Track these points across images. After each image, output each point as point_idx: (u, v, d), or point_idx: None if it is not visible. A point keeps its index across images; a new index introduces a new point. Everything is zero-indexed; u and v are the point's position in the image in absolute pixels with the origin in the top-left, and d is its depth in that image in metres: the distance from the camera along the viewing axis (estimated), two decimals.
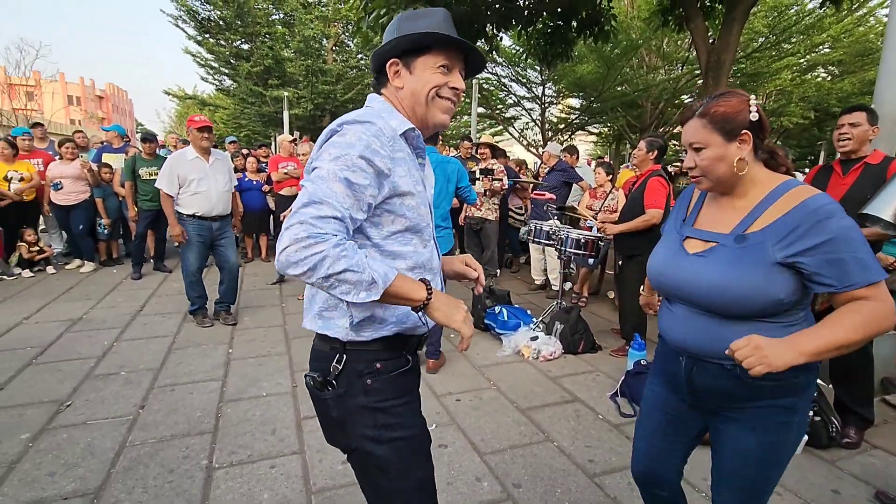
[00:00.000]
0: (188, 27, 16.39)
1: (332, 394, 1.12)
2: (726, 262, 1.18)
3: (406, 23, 1.11)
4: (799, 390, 1.20)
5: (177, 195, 3.78)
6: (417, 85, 1.12)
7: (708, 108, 1.18)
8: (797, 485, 2.24)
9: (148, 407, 2.77)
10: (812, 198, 1.11)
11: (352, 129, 1.02)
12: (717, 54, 6.05)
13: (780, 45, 14.00)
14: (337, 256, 0.91)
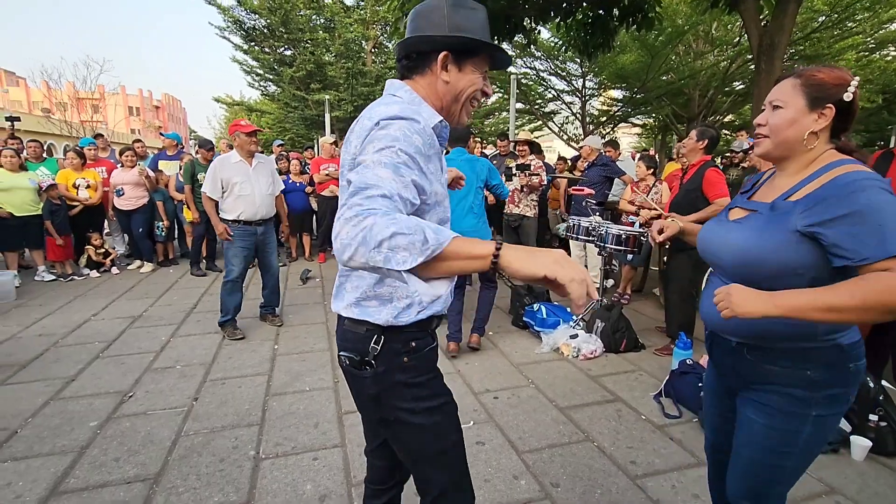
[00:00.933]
0: (235, 37, 17.11)
1: (371, 372, 1.16)
2: (754, 228, 1.18)
3: (458, 15, 1.10)
4: (812, 385, 1.14)
5: (221, 200, 3.81)
6: (463, 84, 1.14)
7: (805, 71, 1.16)
8: (859, 494, 2.10)
9: (201, 399, 2.93)
10: (852, 172, 1.06)
11: (395, 124, 0.99)
12: (770, 36, 5.71)
13: (842, 24, 13.00)
14: (385, 224, 0.81)
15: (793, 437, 1.18)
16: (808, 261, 1.09)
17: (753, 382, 1.23)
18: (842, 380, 1.16)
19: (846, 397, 1.18)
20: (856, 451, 2.34)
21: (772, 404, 1.19)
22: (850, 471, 2.26)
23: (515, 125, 13.70)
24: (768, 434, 1.20)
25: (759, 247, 1.14)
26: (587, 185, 4.94)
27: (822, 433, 1.19)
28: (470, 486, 1.29)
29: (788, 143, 1.17)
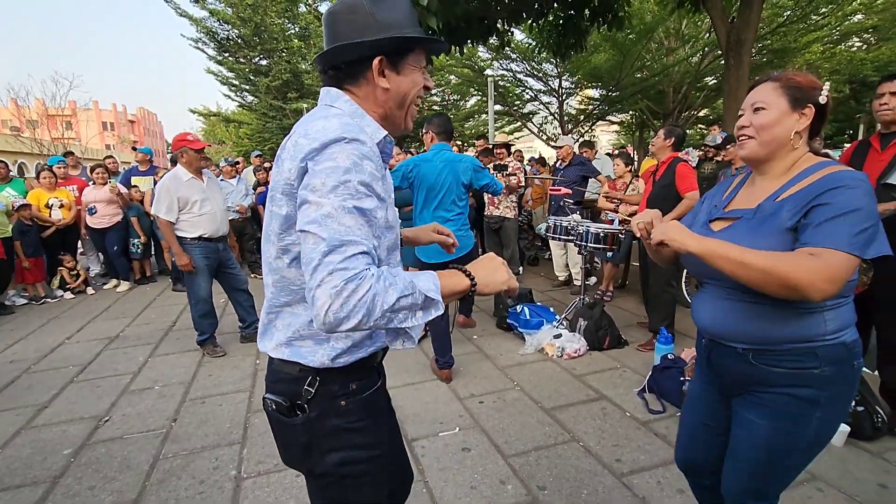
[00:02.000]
0: (208, 48, 16.93)
1: (303, 418, 1.03)
2: (745, 233, 1.18)
3: (380, 8, 0.96)
4: (821, 382, 1.14)
5: (176, 219, 3.58)
6: (405, 86, 1.02)
7: (783, 75, 1.20)
8: (839, 479, 2.13)
9: (180, 420, 2.86)
10: (839, 171, 1.10)
11: (342, 151, 0.87)
12: (737, 33, 5.85)
13: (807, 18, 13.37)
14: (384, 289, 0.82)
15: (797, 438, 1.18)
16: None
17: (759, 386, 1.21)
18: (847, 377, 1.17)
19: (849, 395, 1.19)
20: (836, 437, 2.37)
21: (777, 406, 1.18)
22: (831, 456, 2.29)
23: (495, 127, 13.77)
24: (773, 435, 1.20)
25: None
26: (565, 184, 4.97)
27: (825, 433, 1.20)
28: None
29: (775, 142, 1.18)
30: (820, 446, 1.21)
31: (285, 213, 0.95)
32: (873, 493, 2.04)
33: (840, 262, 1.01)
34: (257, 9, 16.20)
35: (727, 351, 1.25)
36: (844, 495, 2.03)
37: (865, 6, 13.90)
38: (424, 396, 3.05)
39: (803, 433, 1.17)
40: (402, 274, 0.87)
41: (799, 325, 1.12)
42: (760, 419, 1.21)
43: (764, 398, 1.20)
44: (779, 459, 1.21)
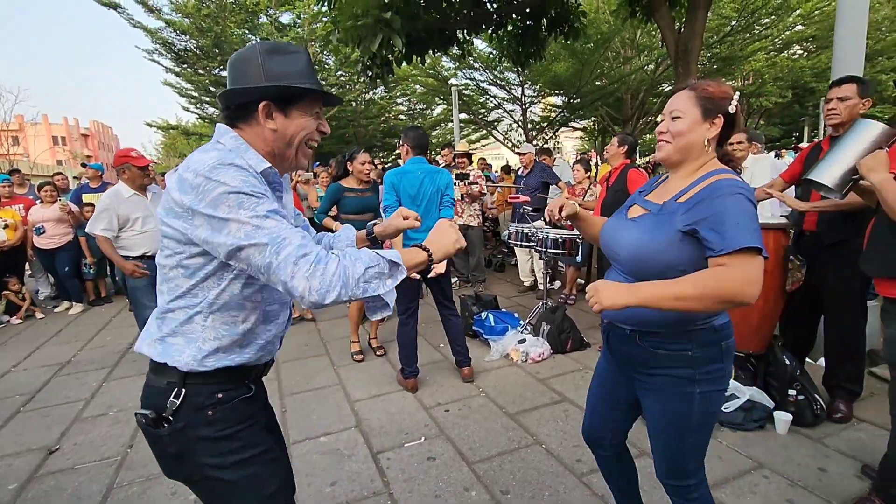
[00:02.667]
0: (165, 59, 16.47)
1: (169, 430, 1.08)
2: (645, 227, 1.32)
3: (274, 62, 1.08)
4: (694, 363, 1.29)
5: (116, 238, 3.44)
6: (292, 130, 1.12)
7: (698, 85, 1.31)
8: (783, 466, 2.25)
9: (136, 446, 2.75)
10: (724, 179, 1.22)
11: (226, 173, 0.96)
12: (684, 42, 6.12)
13: (751, 28, 14.14)
14: (352, 263, 0.98)
15: (686, 416, 1.32)
16: (689, 258, 1.22)
17: (646, 367, 1.36)
18: (717, 356, 1.30)
19: (723, 372, 1.33)
20: (779, 425, 2.51)
21: (663, 388, 1.33)
22: (775, 444, 2.42)
23: (461, 135, 13.92)
24: (666, 418, 1.35)
25: (648, 245, 1.27)
26: (527, 192, 5.09)
27: (710, 407, 1.33)
28: None
29: (687, 148, 1.31)
30: (711, 420, 1.35)
31: (179, 233, 1.03)
32: (814, 478, 2.17)
33: (748, 262, 1.12)
34: (216, 19, 15.88)
35: (620, 332, 1.40)
36: (787, 481, 2.15)
37: (804, 17, 14.79)
38: (390, 408, 3.04)
39: (690, 410, 1.31)
40: (366, 251, 1.03)
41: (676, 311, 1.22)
42: (655, 404, 1.37)
43: (653, 382, 1.35)
44: (679, 440, 1.35)
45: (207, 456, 1.10)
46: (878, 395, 2.83)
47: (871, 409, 2.69)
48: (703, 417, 1.33)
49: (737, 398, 2.60)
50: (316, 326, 4.76)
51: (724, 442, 2.47)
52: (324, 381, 3.49)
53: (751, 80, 17.97)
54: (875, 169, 1.75)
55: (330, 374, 3.61)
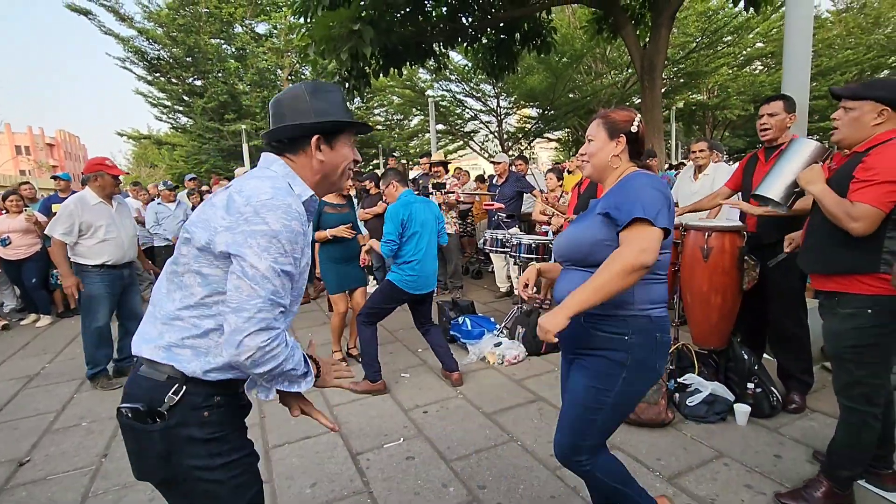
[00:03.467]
0: (137, 68, 16.22)
1: (161, 425, 1.08)
2: (576, 223, 1.62)
3: (319, 100, 1.20)
4: (630, 348, 1.44)
5: (73, 245, 3.42)
6: (338, 159, 1.25)
7: (604, 113, 1.61)
8: (742, 454, 2.39)
9: (111, 455, 2.73)
10: (632, 173, 1.52)
11: (272, 216, 1.04)
12: (649, 58, 6.41)
13: (714, 45, 14.82)
14: (288, 358, 1.08)
15: (604, 395, 1.47)
16: (609, 234, 1.44)
17: (584, 348, 1.52)
18: (650, 346, 1.46)
19: (653, 364, 1.48)
20: (739, 416, 2.66)
21: (593, 366, 1.49)
22: (735, 434, 2.57)
23: (438, 146, 14.09)
24: (586, 392, 1.49)
25: (577, 232, 1.55)
26: (502, 200, 5.23)
27: (629, 396, 1.49)
28: None
29: (601, 165, 1.58)
30: (626, 406, 1.52)
31: (204, 243, 1.08)
32: (769, 464, 2.31)
33: (640, 232, 1.33)
34: (190, 29, 15.75)
35: None
36: (745, 468, 2.29)
37: (762, 36, 15.58)
38: (370, 411, 3.09)
39: (610, 389, 1.46)
40: (300, 354, 1.15)
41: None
42: (581, 378, 1.52)
43: (586, 361, 1.51)
44: (589, 414, 1.49)
45: (196, 457, 1.10)
46: (830, 387, 3.00)
47: (822, 399, 2.88)
48: (620, 399, 1.47)
49: (700, 392, 2.74)
50: (295, 335, 4.75)
51: (688, 434, 2.61)
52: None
53: (715, 93, 18.75)
54: (813, 181, 1.94)
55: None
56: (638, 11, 7.18)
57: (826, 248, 1.93)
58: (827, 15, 20.32)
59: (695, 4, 13.70)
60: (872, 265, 1.82)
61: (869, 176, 1.76)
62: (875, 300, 1.82)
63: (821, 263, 1.97)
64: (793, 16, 3.45)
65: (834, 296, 1.95)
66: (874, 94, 1.82)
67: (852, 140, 1.90)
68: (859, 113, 1.85)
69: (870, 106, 1.83)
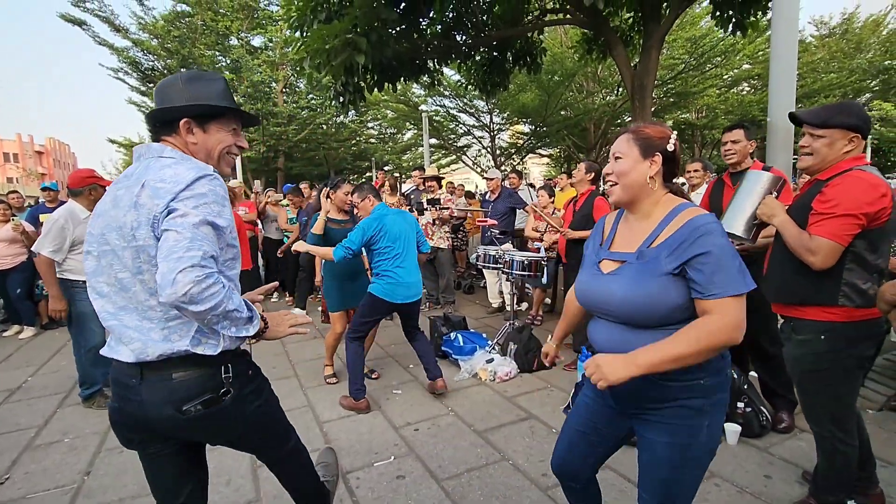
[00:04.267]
0: (130, 78, 16.19)
1: (232, 397, 1.32)
2: (630, 278, 1.31)
3: (194, 87, 1.32)
4: (708, 392, 1.28)
5: (63, 260, 3.28)
6: (211, 143, 1.35)
7: (636, 128, 1.39)
8: (732, 474, 2.39)
9: (94, 472, 2.66)
10: (697, 216, 1.27)
11: (202, 185, 1.20)
12: (639, 79, 6.53)
13: (702, 67, 15.17)
14: (229, 297, 1.16)
15: (692, 449, 1.29)
16: (685, 295, 1.24)
17: (655, 401, 1.32)
18: (725, 384, 1.32)
19: (726, 400, 1.35)
20: (729, 436, 2.67)
21: (672, 420, 1.30)
22: (726, 454, 2.57)
23: (431, 159, 14.18)
24: (671, 451, 1.30)
25: (640, 294, 1.27)
26: (495, 216, 5.26)
27: (713, 441, 1.33)
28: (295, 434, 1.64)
29: (633, 186, 1.35)
30: (711, 455, 1.34)
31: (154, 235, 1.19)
32: (760, 484, 2.32)
33: (734, 308, 1.18)
34: (185, 41, 15.80)
35: None
36: (736, 488, 2.29)
37: (749, 57, 15.98)
38: (360, 428, 3.05)
39: (697, 443, 1.28)
40: (245, 300, 1.25)
41: None
42: (660, 437, 1.32)
43: (661, 414, 1.31)
44: (680, 473, 1.32)
45: (255, 401, 1.40)
46: None
47: None
48: (707, 450, 1.32)
49: None
50: (284, 349, 4.71)
51: None
52: (293, 402, 3.46)
53: (704, 113, 19.15)
54: (774, 214, 1.97)
55: (299, 396, 3.58)
56: (628, 33, 7.35)
57: (787, 278, 1.97)
58: (811, 39, 20.97)
59: (681, 31, 14.05)
60: (832, 298, 1.84)
61: (827, 208, 1.77)
62: (828, 326, 1.86)
63: (782, 293, 2.01)
64: (778, 39, 3.57)
65: (790, 321, 2.01)
66: (844, 121, 1.81)
67: (821, 167, 1.90)
68: (830, 140, 1.84)
69: (840, 133, 1.82)
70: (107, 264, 1.25)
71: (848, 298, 1.82)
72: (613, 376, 1.19)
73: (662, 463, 1.32)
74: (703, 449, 1.31)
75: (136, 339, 1.23)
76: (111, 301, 1.26)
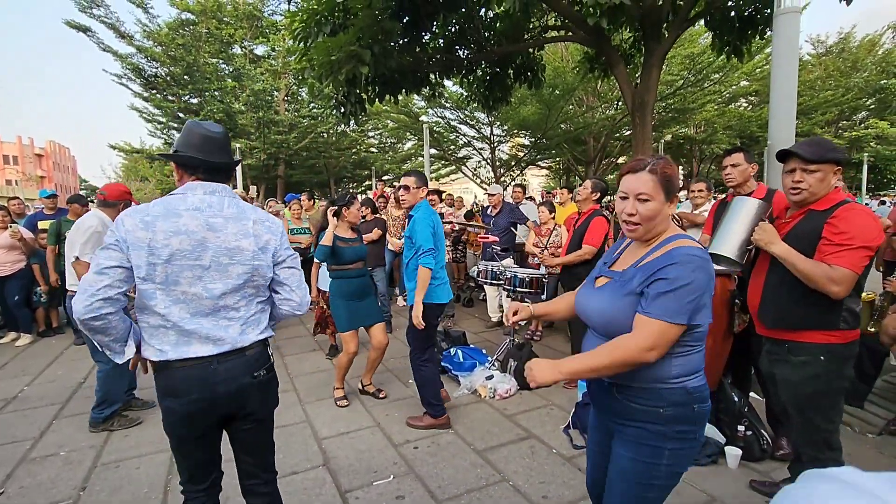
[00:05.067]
0: (133, 84, 16.28)
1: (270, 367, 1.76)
2: (609, 293, 1.42)
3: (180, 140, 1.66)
4: (668, 421, 1.33)
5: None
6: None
7: (658, 167, 1.36)
8: (734, 499, 2.38)
9: (90, 488, 2.63)
10: (683, 247, 1.31)
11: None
12: (640, 96, 6.59)
13: (701, 83, 15.33)
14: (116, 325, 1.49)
15: (653, 468, 1.35)
16: None
17: (621, 418, 1.41)
18: (689, 418, 1.34)
19: (694, 435, 1.37)
20: (730, 460, 2.67)
21: (635, 438, 1.37)
22: (727, 478, 2.57)
23: (431, 170, 14.23)
24: (634, 466, 1.37)
25: (611, 309, 1.38)
26: (496, 231, 5.28)
27: (678, 466, 1.37)
28: None
29: (658, 228, 1.39)
30: (674, 479, 1.39)
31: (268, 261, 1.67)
32: None
33: (657, 332, 1.25)
34: (189, 49, 15.92)
35: (600, 383, 1.47)
36: None
37: (747, 74, 16.17)
38: (359, 445, 3.04)
39: (658, 463, 1.35)
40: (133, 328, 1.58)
41: (649, 367, 1.31)
42: (625, 452, 1.40)
43: (627, 431, 1.40)
44: (641, 491, 1.38)
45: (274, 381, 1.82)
46: None
47: None
48: (668, 474, 1.36)
49: None
50: (282, 361, 4.69)
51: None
52: (291, 417, 3.44)
53: (703, 128, 19.30)
54: (772, 241, 1.99)
55: (297, 411, 3.56)
56: (629, 51, 7.43)
57: (788, 305, 2.00)
58: (808, 58, 21.22)
59: (680, 49, 14.22)
60: (833, 323, 1.92)
61: (844, 240, 1.84)
62: (828, 348, 1.93)
63: (783, 321, 2.03)
64: (779, 63, 3.61)
65: (783, 343, 2.04)
66: (833, 156, 1.92)
67: (815, 199, 1.98)
68: (823, 174, 1.94)
69: (830, 167, 1.93)
70: (194, 277, 1.52)
71: (846, 322, 1.93)
72: (540, 377, 1.33)
73: (625, 477, 1.40)
74: (664, 472, 1.36)
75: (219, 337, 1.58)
76: (188, 307, 1.53)
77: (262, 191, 16.00)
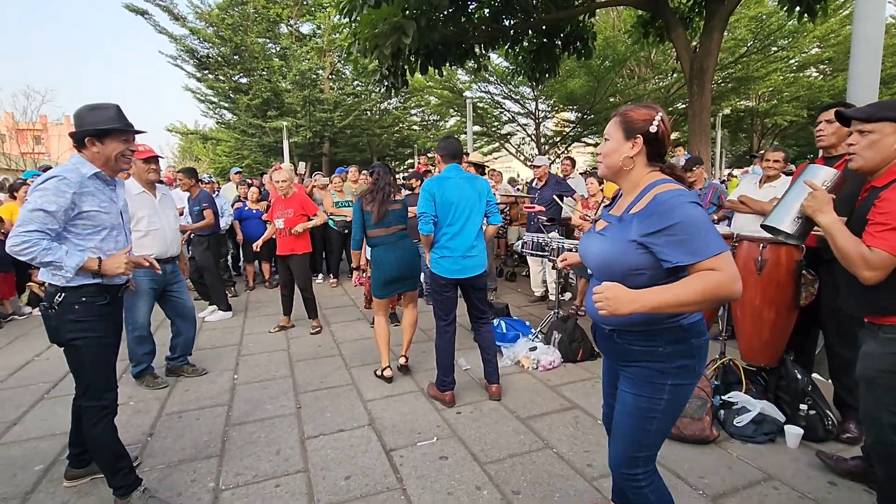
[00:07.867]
0: (187, 65, 16.88)
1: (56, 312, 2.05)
2: (606, 238, 1.47)
3: (91, 115, 2.08)
4: (665, 357, 1.41)
5: None
6: (107, 151, 2.10)
7: (623, 111, 1.48)
8: (793, 478, 2.27)
9: (156, 434, 2.84)
10: (661, 192, 1.35)
11: (48, 181, 1.94)
12: (699, 62, 6.20)
13: (767, 49, 14.20)
14: (44, 255, 1.89)
15: (655, 403, 1.44)
16: (645, 263, 1.36)
17: (624, 361, 1.50)
18: (686, 353, 1.41)
19: (694, 367, 1.44)
20: (790, 439, 2.53)
21: (637, 377, 1.46)
22: (786, 458, 2.44)
23: (473, 147, 14.07)
24: (637, 402, 1.46)
25: (608, 252, 1.43)
26: (542, 203, 5.16)
27: (678, 400, 1.45)
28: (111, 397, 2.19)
29: (613, 166, 1.48)
30: (677, 411, 1.47)
31: None
32: (824, 491, 2.18)
33: (726, 263, 1.24)
34: (237, 29, 16.29)
35: (601, 331, 1.57)
36: (797, 493, 2.17)
37: (819, 39, 14.84)
38: (403, 408, 3.10)
39: (659, 397, 1.43)
40: (62, 251, 1.93)
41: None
42: (628, 389, 1.49)
43: (629, 371, 1.49)
44: (643, 424, 1.47)
45: (70, 332, 2.05)
46: None
47: None
48: (671, 407, 1.45)
49: (748, 411, 2.62)
50: (329, 328, 4.84)
51: (734, 453, 2.49)
52: (337, 380, 3.56)
53: (766, 98, 17.97)
54: (821, 210, 1.77)
55: (343, 374, 3.67)
56: (687, 14, 6.96)
57: (867, 291, 1.75)
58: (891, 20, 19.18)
59: (745, 10, 13.18)
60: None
61: (887, 219, 1.62)
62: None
63: (864, 308, 1.83)
64: (862, 22, 3.26)
65: (873, 324, 1.83)
66: (886, 114, 1.69)
67: (872, 166, 1.76)
68: (879, 136, 1.71)
69: (891, 127, 1.69)
70: None
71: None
72: (621, 309, 1.25)
73: (629, 412, 1.49)
74: (668, 403, 1.44)
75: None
76: None
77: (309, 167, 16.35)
